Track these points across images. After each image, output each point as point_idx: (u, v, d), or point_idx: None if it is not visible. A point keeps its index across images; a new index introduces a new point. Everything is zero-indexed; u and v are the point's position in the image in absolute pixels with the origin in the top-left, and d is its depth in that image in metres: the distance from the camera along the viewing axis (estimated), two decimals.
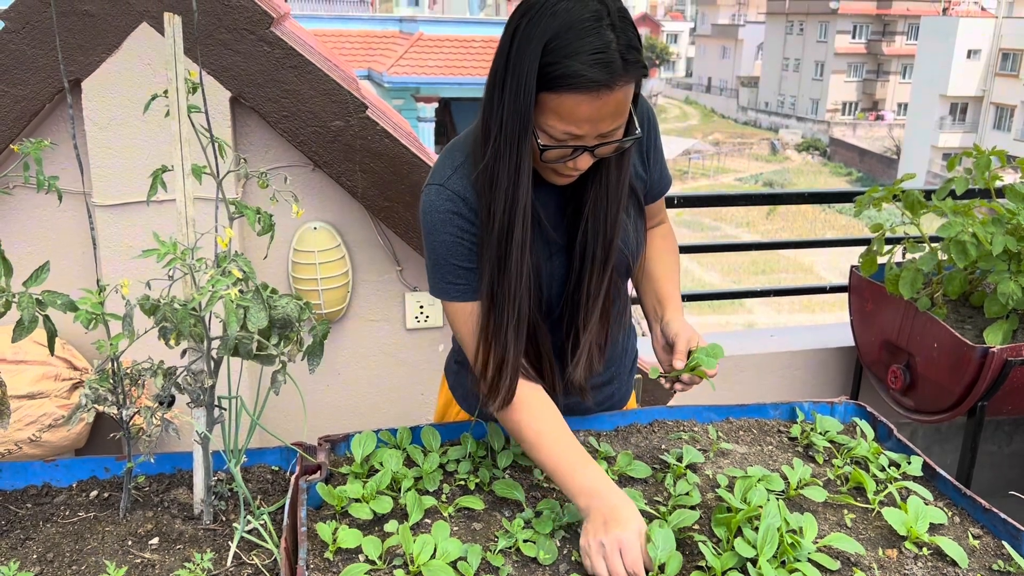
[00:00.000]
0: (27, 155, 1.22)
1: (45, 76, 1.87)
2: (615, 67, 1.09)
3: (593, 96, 1.10)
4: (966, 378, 2.21)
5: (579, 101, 1.11)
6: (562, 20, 1.10)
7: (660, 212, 1.56)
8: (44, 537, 1.24)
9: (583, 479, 1.21)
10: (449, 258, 1.29)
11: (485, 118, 1.21)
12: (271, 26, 1.93)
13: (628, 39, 1.11)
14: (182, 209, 1.20)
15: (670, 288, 1.48)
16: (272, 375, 1.19)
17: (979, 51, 30.08)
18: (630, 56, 1.11)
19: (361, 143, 2.04)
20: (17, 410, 1.85)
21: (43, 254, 2.03)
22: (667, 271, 1.51)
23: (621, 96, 1.12)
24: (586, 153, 1.18)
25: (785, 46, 41.31)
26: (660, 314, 1.45)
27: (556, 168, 1.22)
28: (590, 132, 1.15)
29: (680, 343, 1.36)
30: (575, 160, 1.19)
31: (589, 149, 1.17)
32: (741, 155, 34.51)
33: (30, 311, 1.11)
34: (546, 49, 1.10)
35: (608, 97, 1.11)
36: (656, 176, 1.45)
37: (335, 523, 1.22)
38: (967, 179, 2.39)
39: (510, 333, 1.25)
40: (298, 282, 2.16)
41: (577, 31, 1.09)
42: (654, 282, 1.49)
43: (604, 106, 1.12)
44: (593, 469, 1.23)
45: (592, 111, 1.12)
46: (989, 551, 1.25)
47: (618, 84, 1.11)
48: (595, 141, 1.17)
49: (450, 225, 1.27)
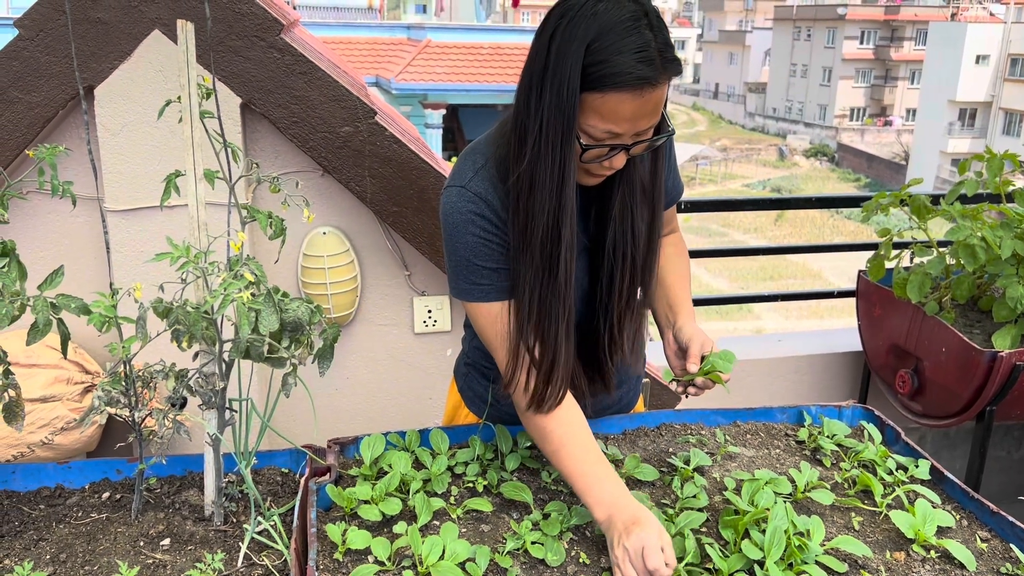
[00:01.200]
0: (42, 161, 1.24)
1: (59, 83, 1.89)
2: (656, 66, 1.12)
3: (637, 94, 1.12)
4: (974, 382, 2.21)
5: (623, 99, 1.13)
6: (603, 21, 1.12)
7: (672, 220, 1.57)
8: (57, 538, 1.25)
9: (601, 492, 1.21)
10: (472, 259, 1.29)
11: (520, 120, 1.21)
12: (281, 33, 1.95)
13: (664, 38, 1.14)
14: (194, 213, 1.22)
15: (682, 294, 1.49)
16: (283, 378, 1.20)
17: (987, 56, 29.98)
18: (668, 54, 1.14)
19: (370, 149, 2.05)
20: (30, 413, 1.87)
21: (57, 259, 2.05)
22: (679, 278, 1.52)
23: (660, 94, 1.15)
24: (622, 152, 1.20)
25: (793, 52, 41.28)
26: (672, 320, 1.46)
27: (590, 168, 1.23)
28: (629, 131, 1.16)
29: (694, 347, 1.38)
30: (611, 159, 1.21)
31: (626, 148, 1.19)
32: (749, 161, 34.46)
33: (45, 315, 1.13)
34: (589, 49, 1.12)
35: (650, 95, 1.13)
36: (669, 183, 1.45)
37: (344, 524, 1.23)
38: (978, 182, 2.39)
39: (561, 335, 1.26)
40: (307, 286, 2.17)
41: (619, 31, 1.11)
42: (666, 288, 1.50)
43: (646, 104, 1.14)
44: (613, 482, 1.23)
45: (634, 109, 1.14)
46: (997, 554, 1.25)
47: (660, 81, 1.13)
48: (631, 140, 1.19)
49: (473, 226, 1.28)
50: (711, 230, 22.20)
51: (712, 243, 20.16)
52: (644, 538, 1.12)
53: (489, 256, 1.29)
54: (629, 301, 1.35)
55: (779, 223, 23.11)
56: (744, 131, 41.14)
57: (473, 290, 1.31)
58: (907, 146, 33.75)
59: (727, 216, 22.51)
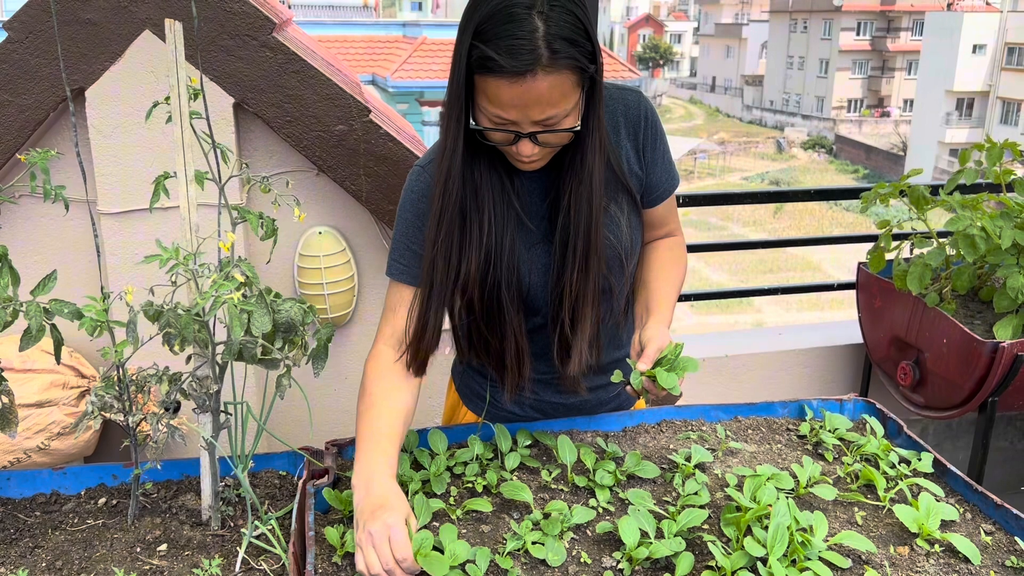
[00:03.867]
0: (33, 165, 1.22)
1: (49, 85, 1.88)
2: (534, 56, 1.11)
3: (512, 82, 1.12)
4: (976, 374, 2.20)
5: (500, 86, 1.13)
6: (495, 5, 1.13)
7: (668, 222, 1.52)
8: (53, 545, 1.24)
9: (366, 462, 1.22)
10: (403, 238, 1.36)
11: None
12: (273, 32, 1.93)
13: (561, 30, 1.12)
14: (185, 215, 1.20)
15: (661, 298, 1.43)
16: (277, 379, 1.19)
17: (984, 46, 29.95)
18: (559, 46, 1.12)
19: (365, 147, 2.04)
20: (26, 418, 1.86)
21: (50, 263, 2.04)
22: (663, 282, 1.46)
23: (548, 85, 1.13)
24: (526, 139, 1.20)
25: (789, 44, 41.22)
26: (644, 322, 1.40)
27: (508, 152, 1.25)
28: (520, 118, 1.16)
29: (650, 348, 1.30)
30: (517, 146, 1.21)
31: (527, 135, 1.19)
32: (747, 154, 34.44)
33: (37, 320, 1.12)
34: (476, 32, 1.14)
35: (530, 84, 1.12)
36: (657, 178, 1.43)
37: (343, 527, 1.22)
38: (977, 171, 2.38)
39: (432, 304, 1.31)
40: (304, 287, 2.16)
41: (505, 16, 1.12)
42: (647, 291, 1.45)
43: (527, 93, 1.13)
44: (385, 461, 1.23)
45: (514, 97, 1.14)
46: (1002, 547, 1.24)
47: (540, 72, 1.12)
48: (531, 128, 1.18)
49: (415, 207, 1.34)
50: (710, 224, 22.20)
51: (712, 237, 20.15)
52: (391, 524, 1.11)
53: (419, 240, 1.34)
54: (581, 292, 1.33)
55: (778, 216, 23.10)
56: (742, 124, 41.12)
57: (393, 267, 1.39)
58: (905, 137, 33.72)
59: (726, 210, 22.54)
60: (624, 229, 1.37)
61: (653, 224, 1.51)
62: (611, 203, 1.36)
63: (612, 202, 1.36)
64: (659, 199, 1.45)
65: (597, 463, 1.39)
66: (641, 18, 54.39)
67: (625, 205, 1.38)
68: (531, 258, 1.35)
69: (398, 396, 1.34)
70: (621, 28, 54.98)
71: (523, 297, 1.36)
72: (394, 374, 1.36)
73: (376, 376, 1.35)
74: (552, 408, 1.55)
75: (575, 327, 1.35)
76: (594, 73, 1.19)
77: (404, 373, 1.37)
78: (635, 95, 1.39)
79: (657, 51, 51.58)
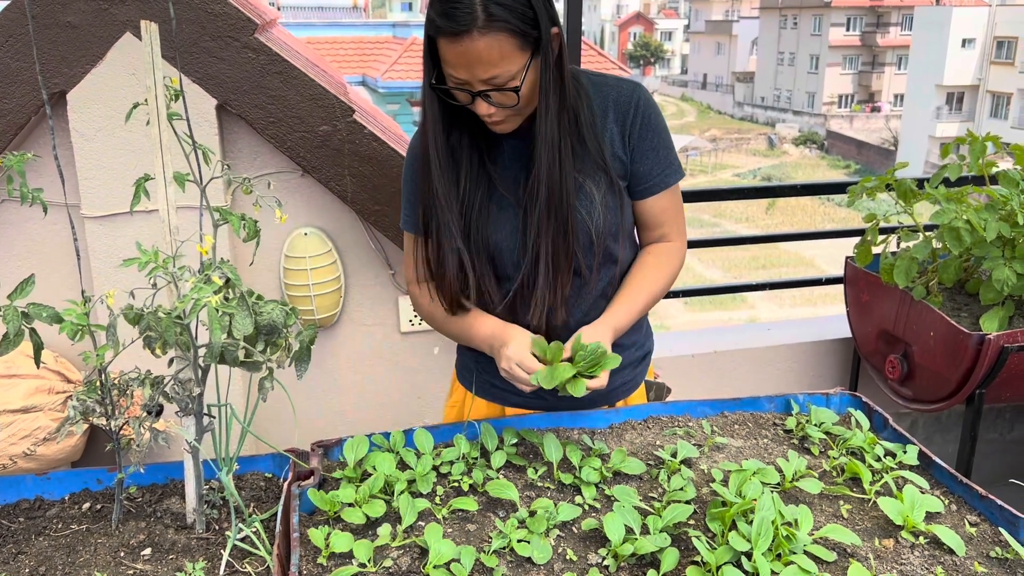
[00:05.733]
0: (10, 168, 1.22)
1: (30, 89, 1.87)
2: (471, 17, 1.24)
3: (452, 41, 1.26)
4: (963, 366, 2.20)
5: (444, 45, 1.28)
6: None
7: (663, 224, 1.53)
8: (36, 551, 1.23)
9: (482, 328, 1.47)
10: (406, 191, 1.53)
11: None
12: (255, 33, 1.92)
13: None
14: (165, 217, 1.20)
15: (621, 302, 1.49)
16: (259, 382, 1.18)
17: (973, 40, 30.05)
18: (495, 10, 1.24)
19: (349, 147, 2.03)
20: (11, 424, 1.85)
21: (33, 268, 2.03)
22: (635, 287, 1.50)
23: (485, 45, 1.25)
24: (479, 99, 1.32)
25: (779, 40, 41.29)
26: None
27: (475, 111, 1.36)
28: (469, 77, 1.29)
29: (572, 338, 1.38)
30: (474, 105, 1.34)
31: (477, 94, 1.31)
32: (739, 151, 34.48)
33: (15, 324, 1.11)
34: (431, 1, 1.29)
35: (468, 44, 1.25)
36: (646, 168, 1.46)
37: (328, 528, 1.21)
38: (961, 165, 2.38)
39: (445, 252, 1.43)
40: (290, 288, 2.15)
41: None
42: (619, 292, 1.51)
43: (467, 52, 1.26)
44: (487, 319, 1.47)
45: (457, 55, 1.27)
46: (986, 538, 1.24)
47: (475, 33, 1.24)
48: (481, 87, 1.30)
49: (412, 164, 1.50)
50: (703, 220, 22.22)
51: (704, 233, 20.18)
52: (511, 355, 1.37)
53: (415, 192, 1.48)
54: (544, 258, 1.41)
55: (770, 212, 23.14)
56: (733, 121, 41.16)
57: (401, 217, 1.56)
58: (896, 131, 33.81)
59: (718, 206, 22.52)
60: (598, 207, 1.43)
61: (647, 223, 1.53)
62: (587, 180, 1.43)
63: (588, 179, 1.43)
64: (649, 191, 1.49)
65: (583, 460, 1.39)
66: (631, 16, 54.41)
67: (603, 184, 1.44)
68: (501, 220, 1.45)
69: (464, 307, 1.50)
70: (612, 26, 54.99)
71: (490, 256, 1.47)
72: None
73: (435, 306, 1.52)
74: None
75: (535, 285, 1.43)
76: (540, 39, 1.30)
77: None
78: (632, 85, 1.47)
79: (648, 49, 51.60)
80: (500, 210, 1.45)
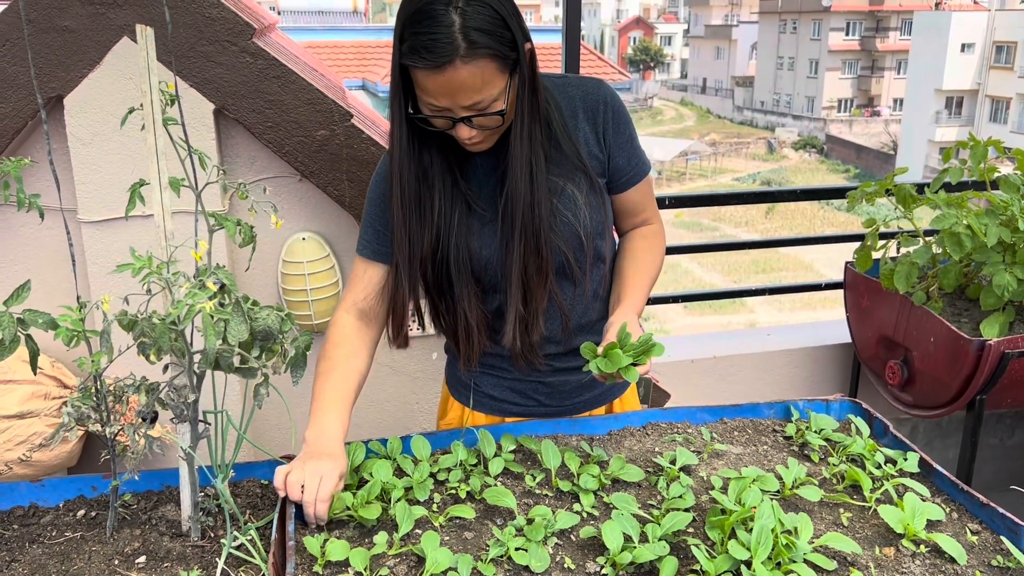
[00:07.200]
0: (7, 174, 1.21)
1: (27, 93, 1.86)
2: (452, 48, 1.20)
3: (434, 73, 1.22)
4: (964, 372, 2.19)
5: (425, 76, 1.24)
6: (418, 4, 1.23)
7: (643, 209, 1.55)
8: (30, 559, 1.22)
9: (320, 419, 1.33)
10: (367, 216, 1.48)
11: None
12: (253, 37, 1.92)
13: (478, 23, 1.22)
14: (160, 223, 1.19)
15: (631, 288, 1.47)
16: (255, 388, 1.17)
17: (973, 45, 30.10)
18: (476, 37, 1.21)
19: (347, 152, 2.03)
20: (7, 430, 1.84)
21: (29, 272, 2.02)
22: (635, 271, 1.50)
23: (468, 73, 1.22)
24: (461, 124, 1.29)
25: (779, 45, 41.36)
26: (613, 311, 1.44)
27: (454, 136, 1.33)
28: (451, 104, 1.26)
29: (610, 332, 1.34)
30: (455, 130, 1.31)
31: (461, 120, 1.28)
32: (738, 155, 34.51)
33: (11, 330, 1.10)
34: (403, 29, 1.24)
35: (452, 74, 1.22)
36: (623, 162, 1.48)
37: (324, 535, 1.20)
38: (962, 169, 2.38)
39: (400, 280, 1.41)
40: (288, 293, 2.15)
41: (425, 12, 1.22)
42: (619, 281, 1.50)
43: (450, 82, 1.22)
44: (334, 416, 1.34)
45: (439, 86, 1.23)
46: (988, 547, 1.23)
47: (458, 63, 1.21)
48: (463, 112, 1.27)
49: (378, 188, 1.45)
50: (703, 225, 22.22)
51: (704, 238, 20.17)
52: (326, 471, 1.23)
53: (378, 218, 1.45)
54: (526, 269, 1.39)
55: (770, 216, 23.14)
56: (733, 125, 41.20)
57: (359, 243, 1.50)
58: (895, 136, 33.84)
59: (718, 211, 22.55)
60: (583, 208, 1.43)
61: (628, 211, 1.55)
62: (568, 183, 1.42)
63: (569, 182, 1.42)
64: (628, 184, 1.51)
65: (581, 467, 1.38)
66: (631, 20, 54.50)
67: (584, 185, 1.43)
68: (484, 234, 1.42)
69: (354, 362, 1.43)
70: (611, 31, 55.09)
71: (476, 273, 1.44)
72: (352, 341, 1.44)
73: (336, 341, 1.44)
74: (532, 389, 1.57)
75: (527, 301, 1.41)
76: (519, 59, 1.28)
77: (362, 341, 1.46)
78: (595, 83, 1.47)
79: (647, 53, 51.67)
80: (483, 225, 1.43)
